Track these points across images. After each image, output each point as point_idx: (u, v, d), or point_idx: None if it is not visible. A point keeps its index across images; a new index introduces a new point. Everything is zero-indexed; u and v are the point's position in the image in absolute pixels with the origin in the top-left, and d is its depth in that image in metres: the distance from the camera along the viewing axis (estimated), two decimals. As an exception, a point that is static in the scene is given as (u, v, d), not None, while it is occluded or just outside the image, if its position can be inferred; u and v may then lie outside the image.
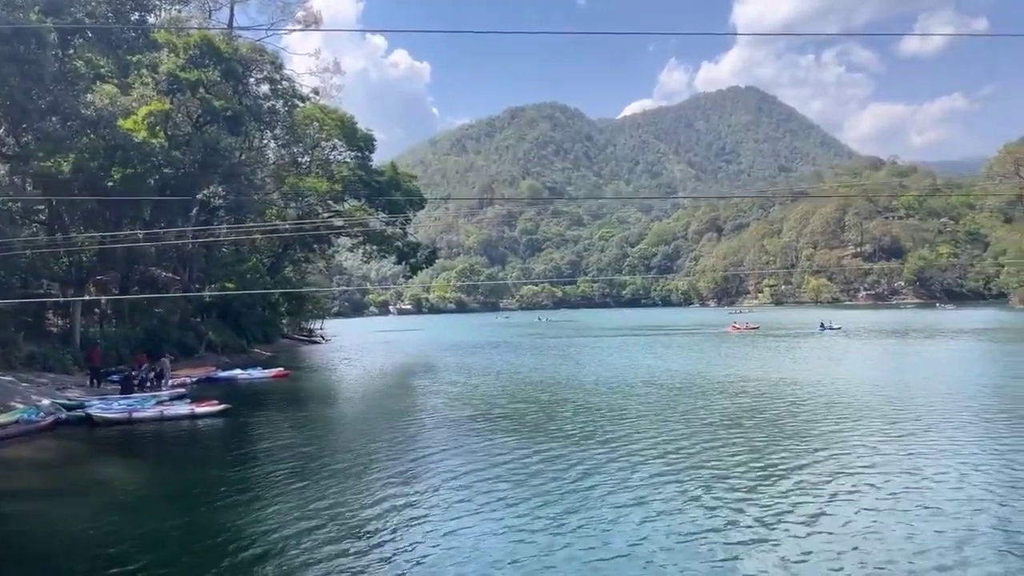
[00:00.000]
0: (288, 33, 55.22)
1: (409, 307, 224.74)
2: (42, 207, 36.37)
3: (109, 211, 36.45)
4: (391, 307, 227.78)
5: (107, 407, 23.08)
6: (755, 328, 69.29)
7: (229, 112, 40.39)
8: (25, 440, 19.29)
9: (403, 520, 11.51)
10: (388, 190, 57.74)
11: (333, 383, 35.21)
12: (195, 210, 42.53)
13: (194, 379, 32.64)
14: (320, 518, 11.62)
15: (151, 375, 29.04)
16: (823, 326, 64.34)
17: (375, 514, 11.84)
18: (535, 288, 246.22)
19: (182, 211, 41.44)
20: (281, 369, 37.22)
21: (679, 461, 14.95)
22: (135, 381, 27.68)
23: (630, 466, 14.56)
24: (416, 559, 9.79)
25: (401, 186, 60.15)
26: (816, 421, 19.21)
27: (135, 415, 22.31)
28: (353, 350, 58.09)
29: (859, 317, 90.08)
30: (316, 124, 54.04)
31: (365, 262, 79.21)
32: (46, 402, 23.17)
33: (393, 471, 14.77)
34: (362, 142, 57.97)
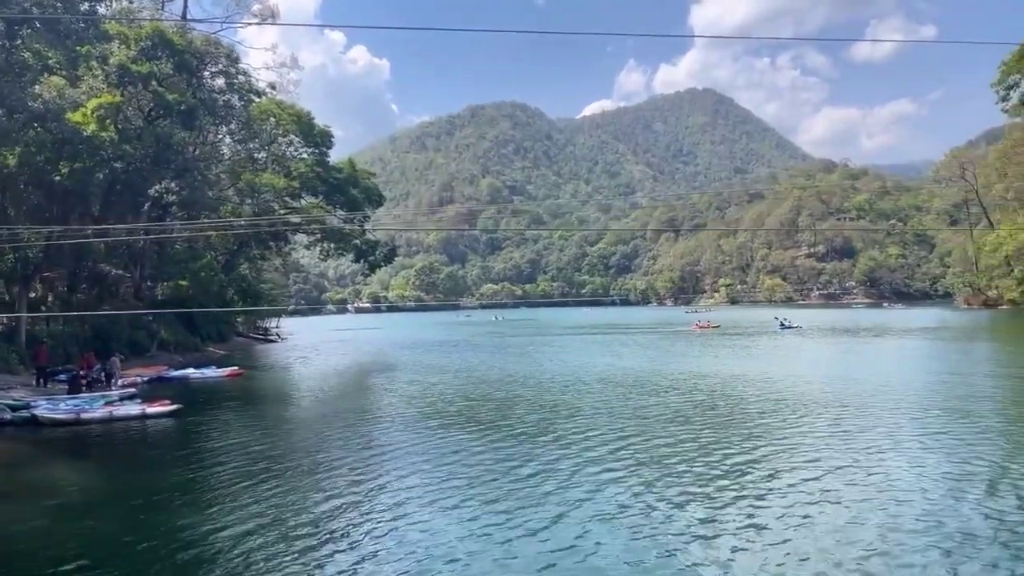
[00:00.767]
0: (244, 27, 54.54)
1: (367, 305, 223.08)
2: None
3: (56, 206, 35.49)
4: (349, 305, 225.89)
5: (54, 407, 22.46)
6: (716, 327, 70.40)
7: (182, 106, 39.55)
8: (-34, 442, 18.69)
9: (356, 519, 11.48)
10: (346, 187, 57.29)
11: (288, 382, 34.81)
12: (147, 206, 41.66)
13: (145, 378, 31.99)
14: (272, 519, 11.52)
15: (100, 374, 28.39)
16: (782, 325, 65.61)
17: (328, 514, 11.77)
18: (495, 287, 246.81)
19: (133, 207, 40.54)
20: (235, 368, 36.63)
21: (633, 458, 15.16)
22: (83, 381, 27.02)
23: (584, 463, 14.73)
24: (369, 558, 9.78)
25: (359, 183, 59.73)
26: (773, 418, 19.63)
27: (83, 416, 21.75)
28: (309, 349, 57.47)
29: (814, 316, 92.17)
30: (273, 119, 53.34)
31: (322, 260, 78.36)
32: (-11, 402, 22.48)
33: (347, 470, 14.70)
34: (320, 138, 57.40)
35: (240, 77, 49.21)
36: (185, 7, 51.23)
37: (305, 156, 57.74)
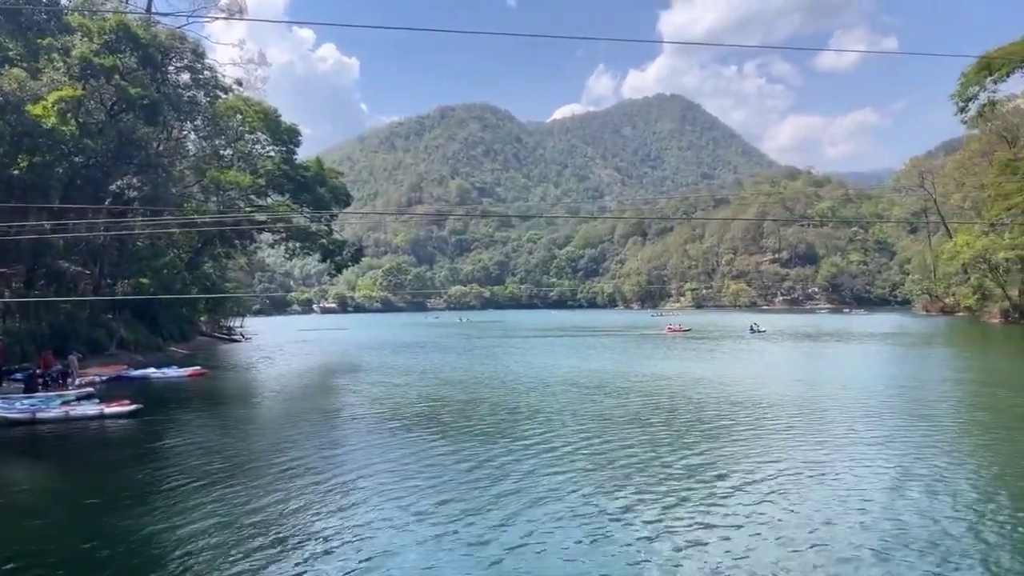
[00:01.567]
0: (211, 21, 53.61)
1: (333, 306, 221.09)
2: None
3: (14, 200, 34.63)
4: (315, 305, 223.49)
5: (8, 407, 21.97)
6: (687, 330, 71.20)
7: (146, 100, 38.86)
8: (-85, 441, 18.16)
9: (312, 520, 11.43)
10: (313, 185, 56.79)
11: (252, 383, 34.39)
12: (108, 201, 40.81)
13: (104, 378, 31.34)
14: (228, 520, 11.40)
15: (59, 374, 27.78)
16: (752, 329, 66.71)
17: (284, 515, 11.69)
18: (463, 288, 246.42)
19: (94, 202, 39.69)
20: (198, 368, 36.04)
21: (591, 460, 15.32)
22: (40, 380, 26.41)
23: (543, 464, 14.86)
24: (321, 558, 9.76)
25: (327, 182, 59.26)
26: (733, 420, 19.92)
27: (39, 415, 21.29)
28: (274, 349, 56.80)
29: (780, 320, 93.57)
30: (239, 116, 52.63)
31: (288, 259, 77.56)
32: (-60, 401, 21.90)
33: (307, 472, 14.58)
34: (287, 136, 56.81)
35: (206, 72, 48.50)
36: (150, 0, 50.36)
37: (272, 154, 57.07)
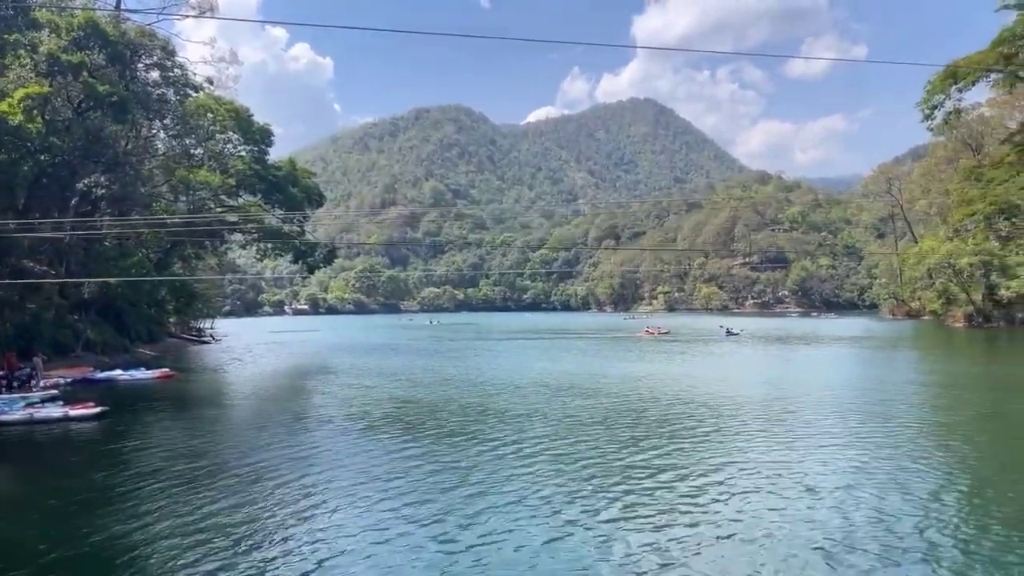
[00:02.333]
0: (181, 19, 52.88)
1: (305, 307, 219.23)
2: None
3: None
4: (286, 307, 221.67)
5: (-30, 409, 21.54)
6: (665, 332, 71.84)
7: (114, 98, 38.32)
8: None
9: (277, 522, 11.43)
10: (285, 186, 56.36)
11: (221, 385, 34.03)
12: (74, 201, 40.18)
13: (69, 380, 30.86)
14: (195, 525, 11.33)
15: (25, 376, 27.29)
16: (728, 332, 67.61)
17: (250, 518, 11.66)
18: (436, 290, 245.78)
19: (60, 201, 39.06)
20: (166, 370, 35.61)
21: (560, 461, 15.48)
22: (4, 382, 25.93)
23: (510, 466, 15.00)
24: (288, 562, 9.77)
25: (299, 182, 58.85)
26: (703, 420, 20.18)
27: (1, 418, 20.95)
28: (244, 350, 56.25)
29: (751, 324, 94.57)
30: (210, 115, 52.03)
31: (259, 260, 76.88)
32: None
33: (274, 474, 14.53)
34: (259, 135, 56.34)
35: (176, 70, 47.95)
36: (119, -4, 49.64)
37: (243, 153, 56.52)
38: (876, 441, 16.96)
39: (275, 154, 60.07)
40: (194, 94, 51.19)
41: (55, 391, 26.93)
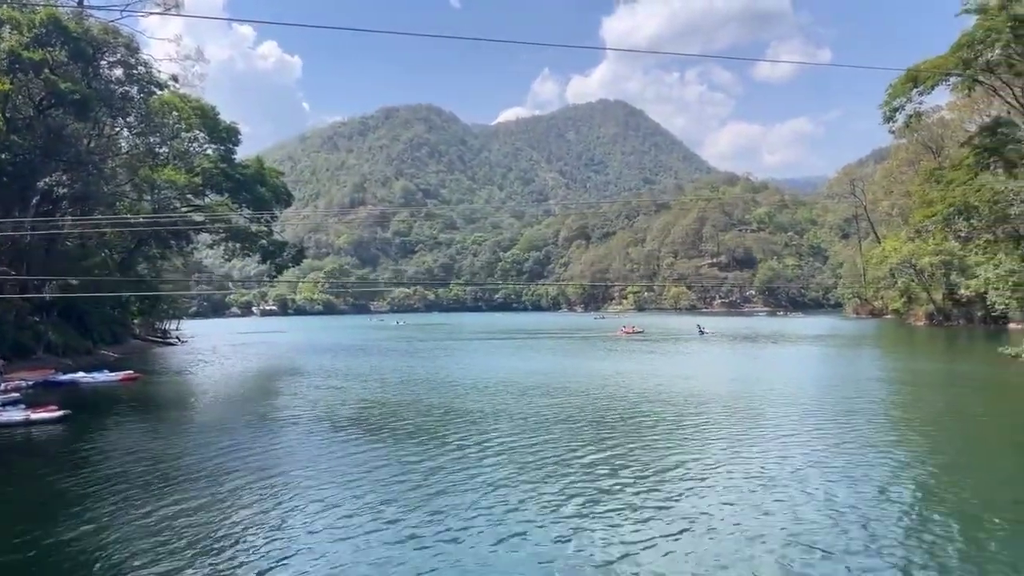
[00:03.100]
0: (146, 16, 51.88)
1: (274, 308, 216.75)
2: None
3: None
4: (254, 308, 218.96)
5: (-73, 413, 21.07)
6: (641, 331, 72.71)
7: (76, 95, 37.64)
8: None
9: (242, 526, 11.46)
10: (253, 185, 55.81)
11: (186, 387, 33.63)
12: (36, 200, 39.39)
13: (30, 383, 30.35)
14: (155, 529, 11.31)
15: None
16: (700, 331, 69.07)
17: (214, 521, 11.69)
18: (407, 291, 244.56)
19: (20, 200, 38.26)
20: (130, 372, 35.09)
21: (527, 459, 15.68)
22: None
23: (474, 466, 15.22)
24: (249, 562, 9.82)
25: (267, 181, 58.32)
26: (669, 417, 20.46)
27: (-40, 421, 20.51)
28: (210, 352, 55.57)
29: (720, 323, 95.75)
30: (175, 113, 51.24)
31: (227, 260, 75.95)
32: None
33: (240, 477, 14.51)
34: (225, 134, 55.73)
35: (140, 68, 47.13)
36: (82, -8, 48.68)
37: (210, 152, 55.90)
38: (836, 437, 17.41)
39: (243, 153, 59.58)
40: (159, 92, 50.35)
41: (17, 394, 26.45)
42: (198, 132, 54.67)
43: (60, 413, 21.87)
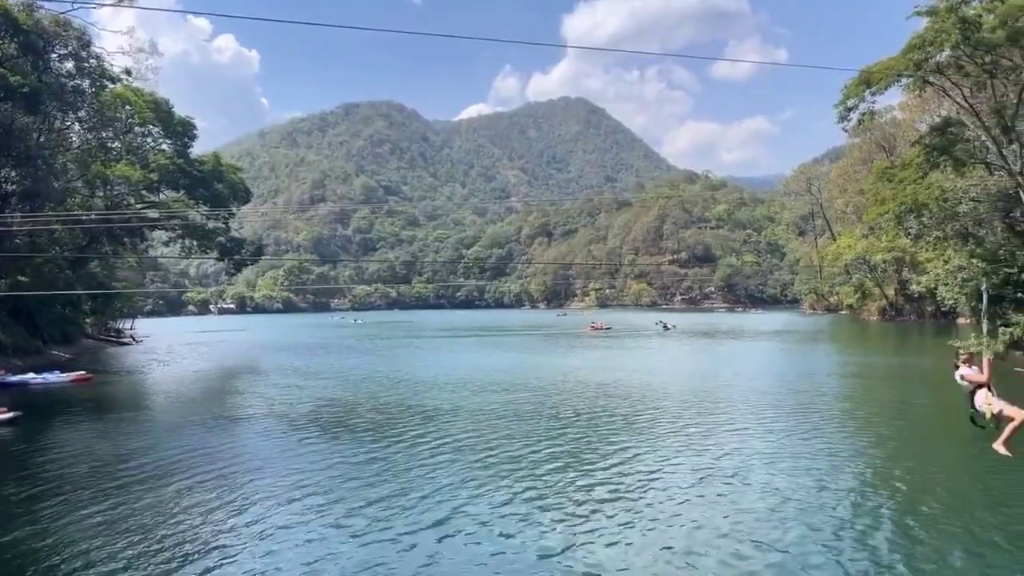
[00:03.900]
0: (98, 7, 50.64)
1: (232, 306, 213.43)
2: None
3: None
4: (212, 306, 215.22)
5: None
6: (608, 328, 73.39)
7: (26, 89, 36.62)
8: None
9: (193, 526, 11.40)
10: (210, 181, 54.86)
11: (141, 388, 33.02)
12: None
13: (-24, 384, 29.43)
14: (108, 532, 11.18)
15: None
16: (665, 327, 69.70)
17: (167, 522, 11.62)
18: (368, 288, 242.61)
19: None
20: (83, 373, 34.31)
21: (483, 456, 15.79)
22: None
23: (434, 465, 15.28)
24: (199, 563, 9.76)
25: (224, 178, 57.36)
26: (642, 414, 20.73)
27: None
28: (166, 352, 54.56)
29: (682, 319, 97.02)
30: (128, 107, 50.17)
31: (184, 257, 74.48)
32: None
33: (194, 479, 14.38)
34: (181, 128, 54.71)
35: (92, 61, 45.95)
36: (32, -17, 47.21)
37: (165, 147, 54.78)
38: (786, 430, 17.89)
39: (199, 148, 58.52)
40: (111, 85, 49.15)
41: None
42: (152, 127, 53.60)
43: (11, 415, 21.33)
